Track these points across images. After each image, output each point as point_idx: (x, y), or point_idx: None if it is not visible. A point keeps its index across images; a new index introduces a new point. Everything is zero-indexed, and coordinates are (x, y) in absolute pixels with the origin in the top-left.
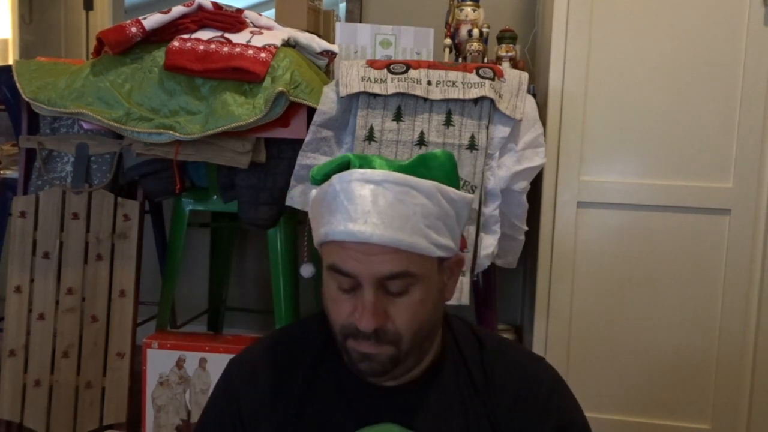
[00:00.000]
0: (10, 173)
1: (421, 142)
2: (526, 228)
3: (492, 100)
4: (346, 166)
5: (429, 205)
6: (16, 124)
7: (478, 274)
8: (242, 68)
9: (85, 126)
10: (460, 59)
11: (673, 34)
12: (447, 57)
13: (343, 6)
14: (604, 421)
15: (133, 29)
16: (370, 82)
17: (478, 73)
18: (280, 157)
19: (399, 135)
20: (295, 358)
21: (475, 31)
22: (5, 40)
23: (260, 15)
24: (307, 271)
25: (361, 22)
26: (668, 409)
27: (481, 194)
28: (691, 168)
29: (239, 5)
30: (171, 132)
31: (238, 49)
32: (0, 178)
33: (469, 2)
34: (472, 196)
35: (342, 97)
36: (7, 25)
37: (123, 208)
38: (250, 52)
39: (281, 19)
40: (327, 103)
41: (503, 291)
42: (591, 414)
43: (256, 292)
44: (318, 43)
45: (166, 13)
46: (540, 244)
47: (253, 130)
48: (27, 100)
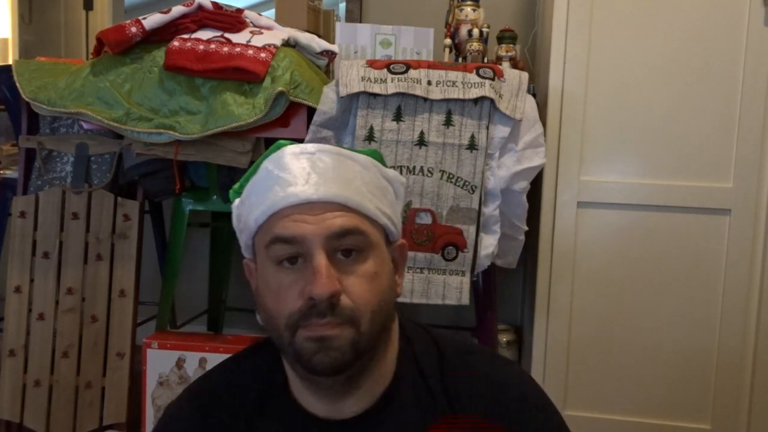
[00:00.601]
0: (10, 173)
1: (421, 142)
2: (526, 228)
3: (492, 100)
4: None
5: (367, 174)
6: (16, 124)
7: (478, 274)
8: (242, 68)
9: (85, 126)
10: (460, 59)
11: (673, 34)
12: (447, 57)
13: (343, 6)
14: (604, 421)
15: (133, 29)
16: (370, 82)
17: (478, 73)
18: None
19: (399, 135)
20: (230, 408)
21: (475, 31)
22: (5, 40)
23: (260, 15)
24: None
25: (361, 22)
26: (668, 409)
27: (481, 194)
28: (691, 168)
29: (239, 5)
30: (171, 132)
31: (238, 49)
32: (0, 178)
33: (469, 2)
34: (404, 179)
35: (342, 97)
36: (7, 25)
37: (123, 208)
38: (250, 52)
39: (281, 19)
40: (327, 103)
41: (503, 291)
42: (591, 414)
43: None
44: (318, 43)
45: (166, 13)
46: (540, 244)
47: (253, 130)
48: (27, 100)
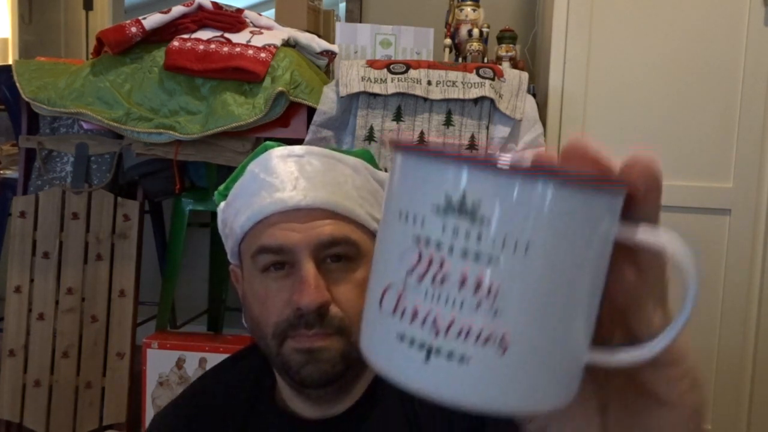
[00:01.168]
0: (10, 173)
1: (421, 142)
2: None
3: (492, 100)
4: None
5: (358, 178)
6: (16, 124)
7: None
8: (242, 68)
9: (85, 126)
10: (460, 59)
11: (673, 34)
12: (447, 57)
13: (343, 6)
14: None
15: (133, 29)
16: (370, 82)
17: (478, 73)
18: None
19: (399, 135)
20: (217, 413)
21: (475, 31)
22: (5, 40)
23: (260, 15)
24: None
25: (361, 22)
26: None
27: None
28: (691, 168)
29: (239, 5)
30: (171, 132)
31: (238, 49)
32: (0, 178)
33: (469, 2)
34: None
35: (342, 97)
36: (7, 25)
37: (123, 208)
38: (250, 52)
39: (281, 19)
40: (327, 103)
41: None
42: None
43: None
44: (318, 43)
45: (166, 13)
46: None
47: (253, 130)
48: (27, 100)
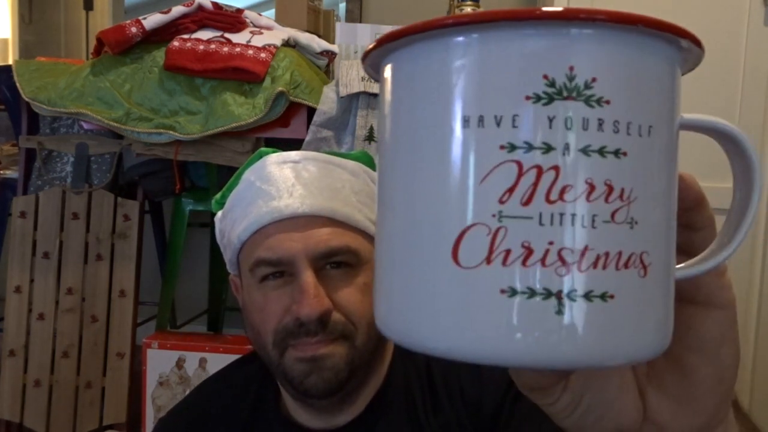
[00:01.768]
0: (10, 173)
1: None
2: None
3: None
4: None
5: (356, 182)
6: (16, 124)
7: None
8: (242, 68)
9: (85, 126)
10: None
11: None
12: None
13: (343, 6)
14: None
15: (133, 29)
16: (370, 82)
17: None
18: None
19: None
20: (220, 424)
21: None
22: (5, 40)
23: (260, 15)
24: None
25: (361, 22)
26: None
27: None
28: (691, 168)
29: (239, 5)
30: (171, 132)
31: (238, 49)
32: (0, 178)
33: (469, 2)
34: None
35: (342, 97)
36: (7, 25)
37: (123, 208)
38: (250, 52)
39: (281, 19)
40: (327, 103)
41: None
42: None
43: None
44: (318, 43)
45: (166, 13)
46: None
47: (253, 130)
48: (27, 100)
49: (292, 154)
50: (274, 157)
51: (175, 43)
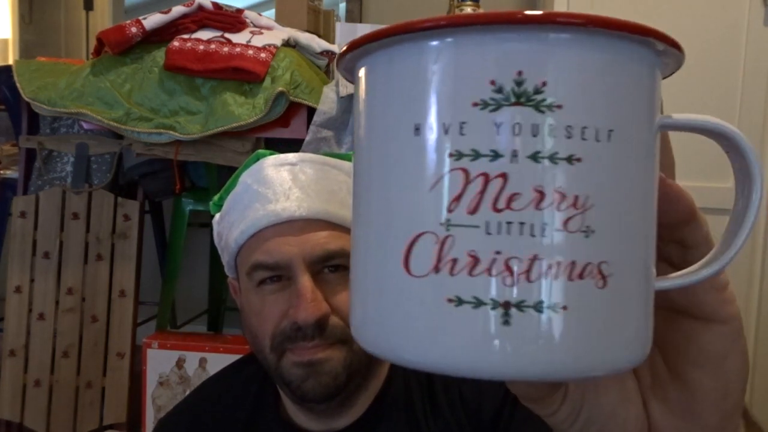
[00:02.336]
0: (10, 173)
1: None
2: None
3: None
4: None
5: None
6: (16, 124)
7: None
8: (242, 68)
9: (85, 126)
10: None
11: (673, 34)
12: None
13: (343, 6)
14: None
15: (133, 29)
16: None
17: None
18: None
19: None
20: (220, 426)
21: None
22: (5, 40)
23: (260, 15)
24: None
25: (361, 22)
26: None
27: None
28: (691, 168)
29: (239, 5)
30: (171, 132)
31: (238, 49)
32: (0, 178)
33: (469, 2)
34: None
35: (342, 97)
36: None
37: (123, 208)
38: (250, 52)
39: (281, 19)
40: (327, 103)
41: None
42: None
43: None
44: (318, 43)
45: (166, 13)
46: None
47: (253, 130)
48: (27, 100)
49: (289, 156)
50: (271, 160)
51: (175, 43)
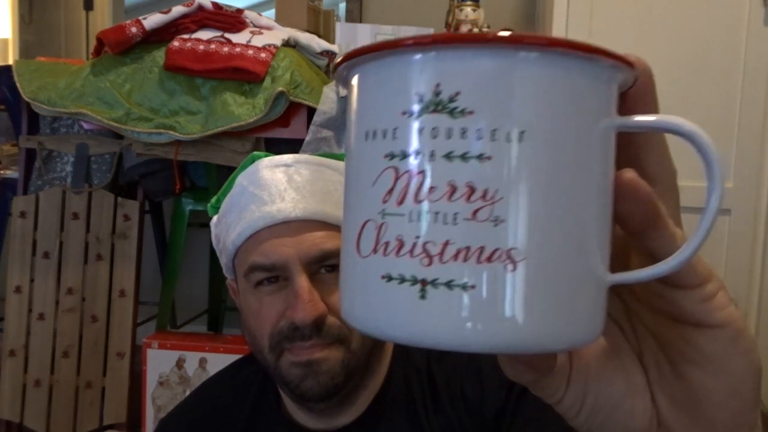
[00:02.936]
0: (10, 173)
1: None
2: None
3: None
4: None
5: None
6: (16, 124)
7: None
8: (242, 68)
9: (85, 126)
10: None
11: (673, 34)
12: None
13: (343, 6)
14: None
15: (133, 29)
16: None
17: None
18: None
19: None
20: (221, 426)
21: (475, 31)
22: (5, 40)
23: (260, 15)
24: None
25: (361, 22)
26: None
27: None
28: (691, 168)
29: (239, 5)
30: (171, 132)
31: (238, 49)
32: (0, 178)
33: (469, 2)
34: None
35: (342, 97)
36: (7, 25)
37: (123, 208)
38: (250, 52)
39: (281, 19)
40: (327, 103)
41: None
42: None
43: None
44: (318, 43)
45: (166, 13)
46: None
47: (253, 130)
48: (27, 100)
49: (285, 158)
50: (267, 161)
51: (175, 43)
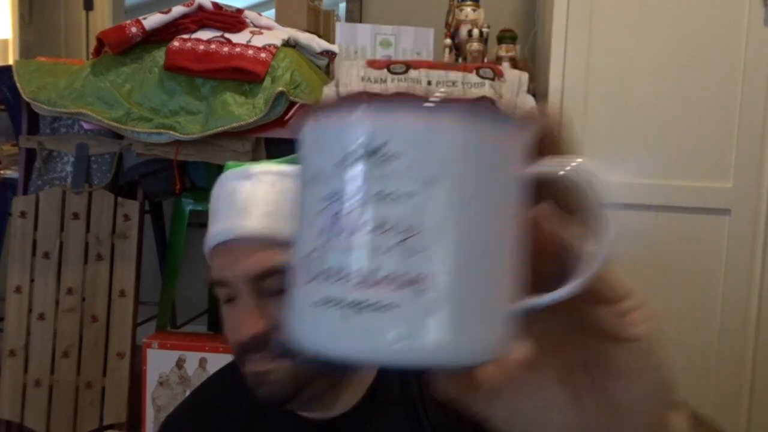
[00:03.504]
0: (10, 173)
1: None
2: None
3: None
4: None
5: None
6: (16, 124)
7: None
8: (242, 68)
9: (85, 126)
10: (460, 59)
11: (673, 34)
12: (447, 57)
13: (343, 6)
14: None
15: (133, 29)
16: (370, 82)
17: (478, 73)
18: (279, 158)
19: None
20: (225, 419)
21: (475, 31)
22: (5, 40)
23: (260, 15)
24: None
25: (361, 22)
26: None
27: None
28: (691, 168)
29: (239, 5)
30: (171, 132)
31: (238, 49)
32: (0, 178)
33: (469, 2)
34: None
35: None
36: (7, 25)
37: (123, 208)
38: (250, 52)
39: (281, 19)
40: None
41: None
42: None
43: None
44: (318, 43)
45: (166, 13)
46: None
47: (253, 130)
48: (27, 100)
49: (251, 169)
50: (232, 174)
51: (175, 43)
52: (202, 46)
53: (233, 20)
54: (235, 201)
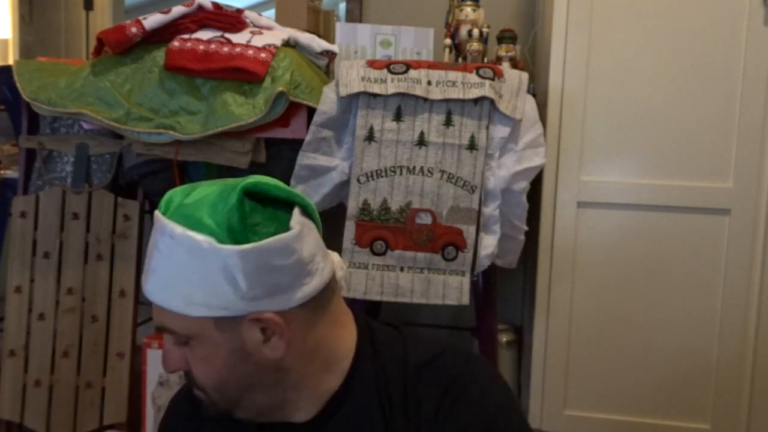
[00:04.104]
0: (10, 173)
1: (421, 142)
2: (526, 228)
3: (492, 100)
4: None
5: (192, 263)
6: (16, 124)
7: (478, 274)
8: (242, 68)
9: (85, 126)
10: (460, 59)
11: (673, 34)
12: (447, 57)
13: (343, 6)
14: (604, 421)
15: (133, 29)
16: (370, 82)
17: (478, 73)
18: (279, 158)
19: (399, 135)
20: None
21: (475, 31)
22: (5, 40)
23: (260, 15)
24: None
25: (361, 22)
26: (668, 409)
27: (481, 194)
28: (691, 168)
29: (239, 5)
30: (171, 132)
31: (238, 49)
32: (0, 178)
33: (469, 2)
34: (252, 246)
35: (342, 97)
36: (7, 25)
37: (123, 208)
38: (250, 52)
39: (281, 19)
40: (327, 103)
41: (503, 291)
42: (591, 414)
43: None
44: (318, 43)
45: (166, 13)
46: (540, 244)
47: (253, 130)
48: (27, 100)
49: (157, 223)
50: (157, 222)
51: (175, 43)
52: (202, 46)
53: (233, 20)
54: (148, 255)
